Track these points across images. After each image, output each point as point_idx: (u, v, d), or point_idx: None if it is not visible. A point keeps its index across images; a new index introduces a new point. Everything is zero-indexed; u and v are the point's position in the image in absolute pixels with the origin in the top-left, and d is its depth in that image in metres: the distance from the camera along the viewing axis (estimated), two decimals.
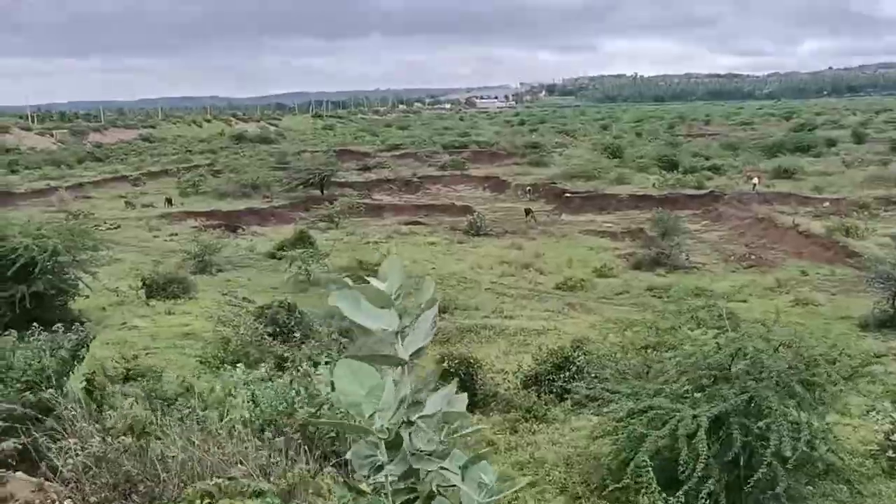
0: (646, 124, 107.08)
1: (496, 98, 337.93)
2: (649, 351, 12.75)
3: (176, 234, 36.88)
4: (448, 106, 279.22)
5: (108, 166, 69.98)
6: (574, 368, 14.99)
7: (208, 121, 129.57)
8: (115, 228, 38.29)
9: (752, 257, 30.15)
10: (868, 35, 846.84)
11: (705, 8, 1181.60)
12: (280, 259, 28.50)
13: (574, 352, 15.52)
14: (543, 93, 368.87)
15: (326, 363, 9.07)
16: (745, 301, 23.70)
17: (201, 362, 15.40)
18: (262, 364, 11.60)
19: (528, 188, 55.17)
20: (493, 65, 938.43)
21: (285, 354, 14.37)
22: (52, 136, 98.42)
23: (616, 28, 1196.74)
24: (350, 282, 1.89)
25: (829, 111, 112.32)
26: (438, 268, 29.99)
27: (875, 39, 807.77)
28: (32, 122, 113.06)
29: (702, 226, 39.96)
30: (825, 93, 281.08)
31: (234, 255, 31.84)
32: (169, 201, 46.94)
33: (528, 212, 44.94)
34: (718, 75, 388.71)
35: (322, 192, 50.80)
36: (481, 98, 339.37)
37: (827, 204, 38.13)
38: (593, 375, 14.64)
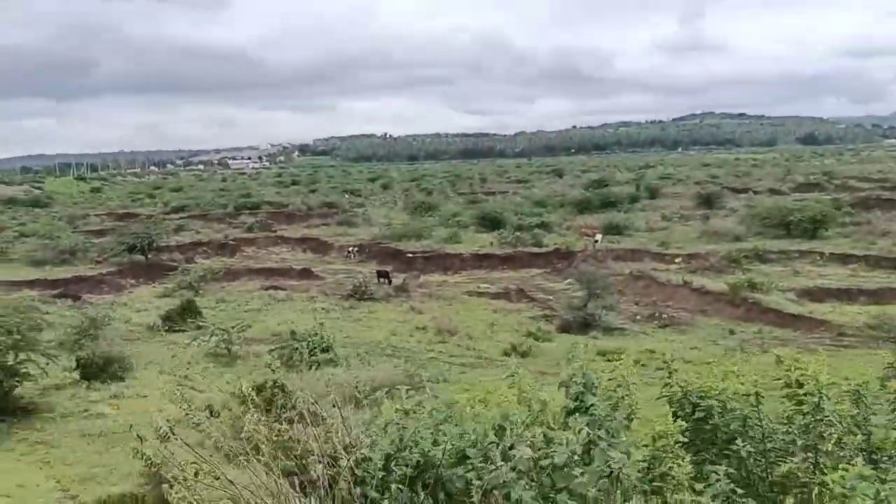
0: (423, 183, 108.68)
1: (249, 159, 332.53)
2: None
3: None
4: (202, 167, 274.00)
5: None
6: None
7: None
8: None
9: (664, 316, 29.68)
10: (600, 95, 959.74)
11: (438, 70, 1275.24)
12: (171, 332, 27.08)
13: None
14: (297, 153, 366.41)
15: None
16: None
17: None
18: None
19: (355, 248, 52.25)
20: (234, 126, 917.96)
21: None
22: None
23: (351, 89, 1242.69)
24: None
25: (593, 168, 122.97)
26: (352, 336, 26.28)
27: (610, 98, 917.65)
28: None
29: (566, 284, 39.06)
30: (572, 151, 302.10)
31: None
32: None
33: (382, 274, 41.63)
34: (467, 134, 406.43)
35: (146, 256, 45.28)
36: (233, 159, 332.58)
37: (679, 259, 39.59)
38: None
